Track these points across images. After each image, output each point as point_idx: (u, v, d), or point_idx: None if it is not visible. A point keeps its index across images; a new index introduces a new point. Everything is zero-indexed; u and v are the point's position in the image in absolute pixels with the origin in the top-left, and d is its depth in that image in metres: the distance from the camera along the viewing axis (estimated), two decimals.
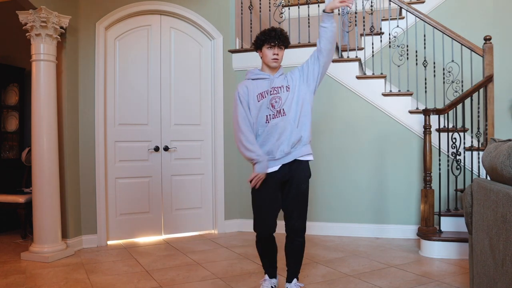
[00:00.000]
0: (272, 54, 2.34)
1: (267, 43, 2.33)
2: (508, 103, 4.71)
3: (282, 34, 2.35)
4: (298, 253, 2.44)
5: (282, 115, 2.32)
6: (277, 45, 2.34)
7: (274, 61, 2.35)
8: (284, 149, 2.30)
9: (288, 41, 2.40)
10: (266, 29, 2.38)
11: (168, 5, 4.12)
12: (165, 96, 4.18)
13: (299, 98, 2.35)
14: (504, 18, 4.79)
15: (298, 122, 2.34)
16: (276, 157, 2.31)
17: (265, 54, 2.36)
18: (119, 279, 2.87)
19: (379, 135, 4.06)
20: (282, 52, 2.39)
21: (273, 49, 2.34)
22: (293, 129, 2.31)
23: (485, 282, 1.90)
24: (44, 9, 3.23)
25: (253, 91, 2.36)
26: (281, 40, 2.34)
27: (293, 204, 2.36)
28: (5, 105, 4.64)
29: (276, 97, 2.33)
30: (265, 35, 2.34)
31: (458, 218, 3.48)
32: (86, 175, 3.77)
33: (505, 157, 1.73)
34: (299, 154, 2.35)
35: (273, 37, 2.32)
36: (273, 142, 2.31)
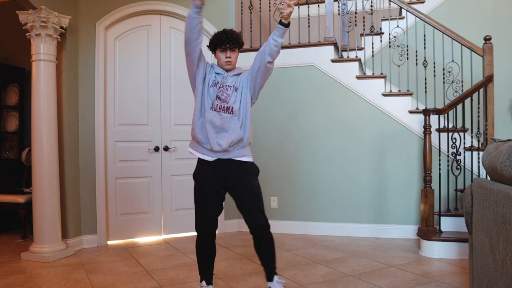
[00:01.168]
0: (224, 57, 2.37)
1: (219, 47, 2.37)
2: (508, 103, 4.72)
3: (233, 37, 2.36)
4: (270, 250, 2.44)
5: (230, 112, 2.37)
6: (229, 48, 2.36)
7: (227, 63, 2.38)
8: (222, 144, 2.34)
9: (241, 42, 2.41)
10: (217, 32, 2.40)
11: (168, 5, 4.12)
12: (165, 96, 4.18)
13: (245, 100, 2.40)
14: (504, 18, 4.79)
15: (242, 123, 2.40)
16: (214, 149, 2.36)
17: (218, 57, 2.40)
18: (119, 279, 2.87)
19: (379, 135, 4.06)
20: (236, 54, 2.42)
21: (225, 52, 2.37)
22: (235, 128, 2.36)
23: (485, 282, 1.90)
24: (44, 9, 3.23)
25: (211, 75, 2.42)
26: (232, 43, 2.36)
27: (250, 202, 2.39)
28: (5, 105, 4.64)
29: (224, 92, 2.38)
30: (216, 39, 2.36)
31: (458, 218, 3.48)
32: (86, 175, 3.77)
33: (505, 157, 1.73)
34: (238, 155, 2.40)
35: (223, 41, 2.34)
36: (212, 133, 2.37)
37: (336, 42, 4.26)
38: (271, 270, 2.44)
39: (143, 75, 4.10)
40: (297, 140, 4.30)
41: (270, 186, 4.34)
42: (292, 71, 4.31)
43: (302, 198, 4.26)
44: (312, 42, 4.31)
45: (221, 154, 2.37)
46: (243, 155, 2.41)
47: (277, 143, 4.36)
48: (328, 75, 4.21)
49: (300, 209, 4.27)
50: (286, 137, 4.33)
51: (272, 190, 4.35)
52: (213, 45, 2.40)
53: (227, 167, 2.39)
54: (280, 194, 4.33)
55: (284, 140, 4.34)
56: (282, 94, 4.35)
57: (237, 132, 2.35)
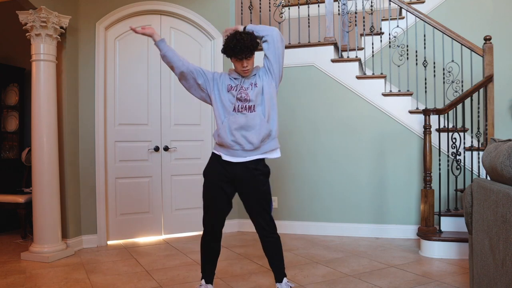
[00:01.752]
0: (241, 66, 2.32)
1: (234, 57, 2.30)
2: (508, 103, 4.72)
3: (246, 46, 2.26)
4: (278, 250, 2.43)
5: (253, 110, 2.34)
6: (245, 58, 2.29)
7: (244, 72, 2.34)
8: (254, 142, 2.31)
9: (255, 45, 2.32)
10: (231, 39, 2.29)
11: (168, 5, 4.12)
12: (165, 96, 4.18)
13: (268, 93, 2.37)
14: (504, 18, 4.79)
15: (269, 116, 2.37)
16: (246, 148, 2.32)
17: (234, 64, 2.36)
18: (119, 279, 2.87)
19: (379, 135, 4.06)
20: (252, 59, 2.34)
21: (241, 62, 2.30)
22: (263, 123, 2.33)
23: (485, 282, 1.90)
24: (44, 9, 3.23)
25: (225, 80, 2.41)
26: (247, 53, 2.27)
27: (258, 204, 2.38)
28: (5, 105, 4.64)
29: (243, 92, 2.35)
30: (230, 50, 2.28)
31: (458, 218, 3.48)
32: (86, 175, 3.77)
33: (505, 157, 1.73)
34: (269, 148, 2.40)
35: (238, 52, 2.25)
36: (241, 133, 2.32)
37: (336, 42, 4.26)
38: (280, 271, 2.43)
39: (143, 75, 4.10)
40: (297, 140, 4.30)
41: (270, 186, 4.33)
42: (292, 71, 4.31)
43: (302, 198, 4.26)
44: (312, 42, 4.31)
45: (251, 154, 2.35)
46: (274, 147, 2.43)
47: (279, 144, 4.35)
48: (328, 75, 4.21)
49: (300, 209, 4.27)
50: (286, 137, 4.32)
51: (272, 190, 4.33)
52: (227, 54, 2.33)
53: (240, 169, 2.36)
54: (280, 194, 4.33)
55: (284, 140, 4.33)
56: (282, 94, 4.34)
57: (265, 127, 2.33)
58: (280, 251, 2.43)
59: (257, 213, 2.38)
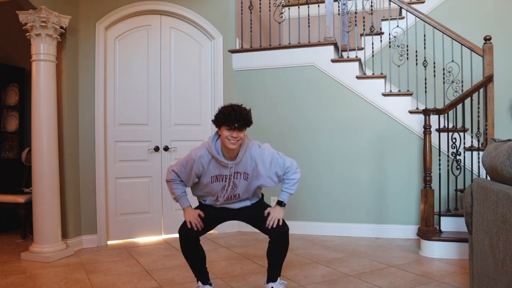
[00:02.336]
0: (230, 135, 2.16)
1: (226, 125, 2.16)
2: (508, 103, 4.72)
3: (242, 116, 2.16)
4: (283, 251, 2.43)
5: (236, 198, 2.44)
6: (237, 128, 2.16)
7: (232, 144, 2.18)
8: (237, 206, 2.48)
9: (250, 121, 2.22)
10: (225, 108, 2.21)
11: (168, 5, 4.12)
12: (165, 96, 4.18)
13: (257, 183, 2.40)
14: (504, 18, 4.79)
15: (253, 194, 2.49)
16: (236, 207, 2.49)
17: (223, 134, 2.18)
18: (119, 279, 2.87)
19: (379, 135, 4.06)
20: (243, 134, 2.22)
21: (232, 131, 2.16)
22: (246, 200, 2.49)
23: (485, 282, 1.90)
24: (44, 9, 3.23)
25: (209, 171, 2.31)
26: (241, 123, 2.16)
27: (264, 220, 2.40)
28: (5, 105, 4.63)
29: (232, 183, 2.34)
30: (224, 116, 2.16)
31: (458, 218, 3.48)
32: (86, 175, 3.77)
33: (505, 157, 1.73)
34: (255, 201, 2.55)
35: (232, 120, 2.13)
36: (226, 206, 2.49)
37: (336, 42, 4.26)
38: (277, 272, 2.44)
39: (143, 75, 4.10)
40: (297, 140, 4.29)
41: None
42: (292, 71, 4.31)
43: (302, 198, 4.26)
44: (312, 42, 4.31)
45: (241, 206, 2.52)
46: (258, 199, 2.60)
47: (277, 143, 4.35)
48: (328, 75, 4.21)
49: (300, 209, 4.27)
50: (286, 137, 4.33)
51: (272, 190, 4.33)
52: (219, 121, 2.19)
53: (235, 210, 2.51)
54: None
55: (284, 140, 4.33)
56: (282, 95, 4.34)
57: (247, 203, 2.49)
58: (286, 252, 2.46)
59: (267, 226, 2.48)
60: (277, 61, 4.32)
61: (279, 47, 4.37)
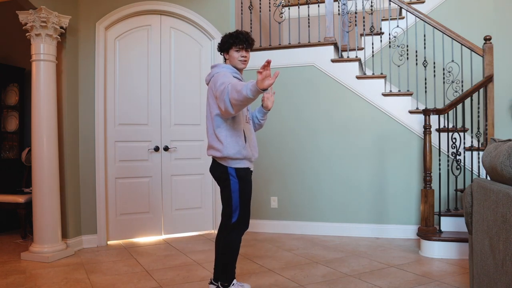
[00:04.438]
0: (240, 56, 2.37)
1: (235, 46, 2.35)
2: (508, 103, 4.72)
3: (248, 38, 2.38)
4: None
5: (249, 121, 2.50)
6: (245, 48, 2.37)
7: (243, 62, 2.39)
8: (256, 154, 2.48)
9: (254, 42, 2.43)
10: (233, 32, 2.39)
11: (168, 5, 4.12)
12: (165, 96, 4.18)
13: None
14: (504, 18, 4.79)
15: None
16: (255, 157, 2.46)
17: (233, 56, 2.38)
18: (119, 279, 2.87)
19: (379, 135, 4.06)
20: (249, 55, 2.42)
21: (241, 51, 2.37)
22: (254, 134, 2.54)
23: (485, 282, 1.90)
24: (44, 9, 3.23)
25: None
26: (249, 43, 2.37)
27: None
28: (5, 105, 4.64)
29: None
30: (233, 38, 2.35)
31: (458, 218, 3.48)
32: (86, 175, 3.77)
33: (505, 157, 1.73)
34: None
35: (241, 40, 2.34)
36: (254, 144, 2.47)
37: (336, 42, 4.26)
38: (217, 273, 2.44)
39: (143, 75, 4.10)
40: (297, 140, 4.30)
41: (270, 186, 4.34)
42: (292, 71, 4.31)
43: (302, 198, 4.26)
44: (312, 42, 4.31)
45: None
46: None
47: (277, 143, 4.36)
48: (328, 75, 4.21)
49: (300, 209, 4.27)
50: (286, 137, 4.33)
51: (272, 190, 4.36)
52: (227, 44, 2.37)
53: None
54: (280, 194, 4.33)
55: (284, 140, 4.34)
56: (282, 95, 4.34)
57: (255, 138, 2.52)
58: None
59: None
60: (277, 61, 4.32)
61: (279, 47, 4.37)
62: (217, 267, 2.42)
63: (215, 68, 2.41)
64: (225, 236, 2.38)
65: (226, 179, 2.36)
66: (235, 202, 2.35)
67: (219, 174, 2.40)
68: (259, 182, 4.31)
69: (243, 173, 2.37)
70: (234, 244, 2.38)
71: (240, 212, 2.35)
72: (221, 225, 2.43)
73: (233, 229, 2.36)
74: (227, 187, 2.37)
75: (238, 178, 2.35)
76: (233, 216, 2.35)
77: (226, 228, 2.38)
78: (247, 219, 2.39)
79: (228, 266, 2.39)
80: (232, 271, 2.41)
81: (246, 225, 2.40)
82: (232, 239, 2.37)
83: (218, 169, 2.39)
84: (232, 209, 2.35)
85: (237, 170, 2.35)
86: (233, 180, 2.35)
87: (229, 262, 2.39)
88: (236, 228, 2.36)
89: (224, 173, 2.37)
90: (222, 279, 2.39)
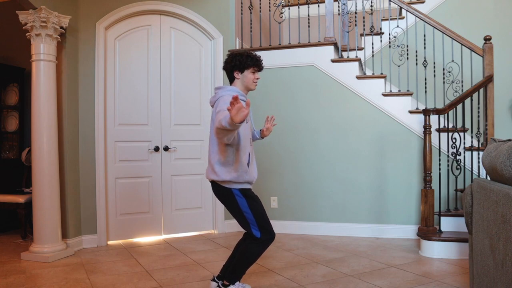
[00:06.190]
0: (255, 78, 2.39)
1: (252, 67, 2.35)
2: (508, 103, 4.72)
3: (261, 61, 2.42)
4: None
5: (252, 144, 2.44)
6: (257, 71, 2.40)
7: (255, 84, 2.41)
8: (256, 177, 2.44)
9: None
10: (251, 53, 2.38)
11: (168, 5, 4.12)
12: (165, 96, 4.18)
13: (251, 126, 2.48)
14: (504, 18, 4.79)
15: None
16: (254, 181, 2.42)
17: (248, 77, 2.36)
18: (119, 279, 2.87)
19: (379, 135, 4.06)
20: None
21: (256, 73, 2.39)
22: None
23: (485, 282, 1.90)
24: (44, 9, 3.23)
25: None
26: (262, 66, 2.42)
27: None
28: (5, 105, 4.64)
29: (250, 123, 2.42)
30: (252, 60, 2.34)
31: (458, 218, 3.48)
32: (86, 175, 3.77)
33: (505, 157, 1.73)
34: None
35: (259, 63, 2.37)
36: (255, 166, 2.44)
37: (336, 42, 4.26)
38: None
39: (143, 75, 4.10)
40: (297, 140, 4.30)
41: (270, 186, 4.34)
42: (292, 71, 4.31)
43: (302, 198, 4.26)
44: (312, 42, 4.31)
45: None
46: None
47: (277, 143, 4.36)
48: (328, 75, 4.21)
49: (300, 209, 4.27)
50: (286, 137, 4.33)
51: (272, 190, 4.36)
52: (245, 64, 2.34)
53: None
54: (280, 194, 4.33)
55: (284, 140, 4.34)
56: (282, 95, 4.35)
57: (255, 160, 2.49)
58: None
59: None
60: (277, 61, 4.32)
61: (279, 47, 4.37)
62: (228, 267, 2.42)
63: (220, 91, 2.36)
64: (252, 245, 2.35)
65: (231, 200, 2.33)
66: (251, 220, 2.32)
67: (222, 194, 2.36)
68: (259, 182, 4.31)
69: (247, 192, 2.35)
70: (256, 254, 2.37)
71: (260, 227, 2.32)
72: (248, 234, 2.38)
73: (261, 242, 2.33)
74: (235, 206, 2.33)
75: (244, 197, 2.31)
76: (255, 233, 2.32)
77: (255, 240, 2.34)
78: (271, 230, 2.35)
79: (241, 270, 2.40)
80: (240, 275, 2.42)
81: (273, 236, 2.36)
82: (257, 250, 2.35)
83: (221, 191, 2.35)
84: (251, 227, 2.33)
85: (241, 190, 2.32)
86: (240, 200, 2.31)
87: (243, 267, 2.39)
88: (265, 241, 2.34)
89: (228, 194, 2.33)
90: (228, 278, 2.39)
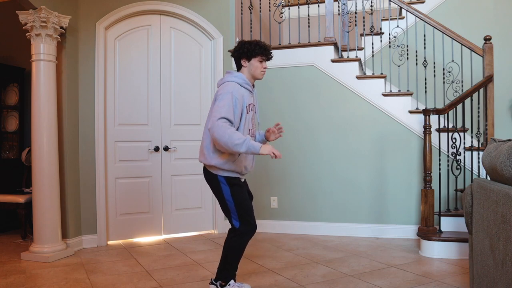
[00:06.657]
0: (262, 67, 2.37)
1: (260, 56, 2.34)
2: (508, 103, 4.72)
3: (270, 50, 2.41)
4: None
5: (254, 134, 2.46)
6: (265, 60, 2.38)
7: (263, 73, 2.39)
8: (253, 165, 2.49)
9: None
10: (260, 42, 2.36)
11: (168, 5, 4.12)
12: (165, 96, 4.18)
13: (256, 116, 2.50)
14: (504, 18, 4.80)
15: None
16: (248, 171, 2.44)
17: (255, 65, 2.36)
18: (119, 279, 2.87)
19: (379, 135, 4.06)
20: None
21: (263, 63, 2.38)
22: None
23: (485, 282, 1.90)
24: (44, 9, 3.23)
25: (245, 100, 2.33)
26: (271, 56, 2.40)
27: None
28: (5, 105, 4.64)
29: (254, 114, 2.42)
30: (259, 49, 2.32)
31: (458, 218, 3.48)
32: (86, 175, 3.77)
33: (505, 157, 1.73)
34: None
35: (268, 52, 2.35)
36: (251, 157, 2.45)
37: (336, 42, 4.26)
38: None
39: (143, 75, 4.10)
40: (297, 140, 4.30)
41: (270, 186, 4.34)
42: (292, 71, 4.31)
43: (302, 198, 4.26)
44: (312, 42, 4.31)
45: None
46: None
47: (277, 143, 4.35)
48: (328, 75, 4.21)
49: (300, 209, 4.27)
50: (286, 137, 4.32)
51: (272, 190, 4.35)
52: (253, 52, 2.33)
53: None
54: (280, 194, 4.33)
55: (284, 140, 4.33)
56: (282, 95, 4.35)
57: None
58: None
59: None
60: (277, 61, 4.31)
61: (279, 47, 4.37)
62: (220, 267, 2.43)
63: (227, 75, 2.37)
64: (233, 239, 2.36)
65: (216, 186, 2.35)
66: (232, 209, 2.33)
67: (209, 179, 2.39)
68: (259, 182, 4.31)
69: (234, 180, 2.34)
70: (240, 247, 2.36)
71: (240, 218, 2.32)
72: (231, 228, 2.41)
73: (241, 234, 2.34)
74: (219, 193, 2.35)
75: (229, 185, 2.32)
76: (235, 223, 2.34)
77: (235, 233, 2.35)
78: (252, 221, 2.34)
79: (230, 266, 2.39)
80: (232, 272, 2.41)
81: (253, 227, 2.36)
82: (239, 242, 2.35)
83: (209, 176, 2.38)
84: (231, 215, 2.34)
85: (227, 178, 2.33)
86: (224, 187, 2.32)
87: (231, 262, 2.38)
88: (244, 233, 2.33)
89: (214, 180, 2.35)
90: (222, 278, 2.40)
